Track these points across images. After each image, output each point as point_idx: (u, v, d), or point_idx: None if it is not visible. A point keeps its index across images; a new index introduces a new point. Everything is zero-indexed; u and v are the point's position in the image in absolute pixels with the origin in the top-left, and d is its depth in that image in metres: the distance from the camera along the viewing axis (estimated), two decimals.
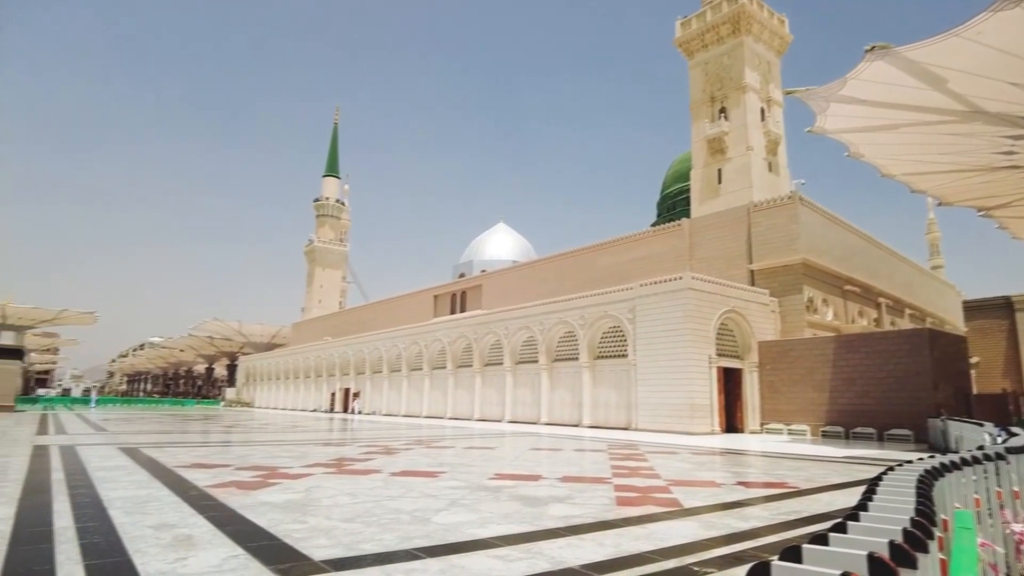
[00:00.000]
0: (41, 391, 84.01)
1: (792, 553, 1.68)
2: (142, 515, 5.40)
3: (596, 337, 26.48)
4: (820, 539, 1.75)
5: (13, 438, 14.17)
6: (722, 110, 36.40)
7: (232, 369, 76.60)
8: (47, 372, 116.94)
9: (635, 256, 33.01)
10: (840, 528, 1.95)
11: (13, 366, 33.64)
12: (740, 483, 8.71)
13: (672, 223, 32.90)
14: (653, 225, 42.50)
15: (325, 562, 3.96)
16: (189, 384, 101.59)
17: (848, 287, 29.06)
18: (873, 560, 1.51)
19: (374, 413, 40.73)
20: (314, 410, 48.19)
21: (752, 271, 27.60)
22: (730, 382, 23.77)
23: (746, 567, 4.01)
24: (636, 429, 23.01)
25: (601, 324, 26.11)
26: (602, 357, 26.25)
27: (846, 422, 20.55)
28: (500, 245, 60.20)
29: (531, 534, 4.99)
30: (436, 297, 47.97)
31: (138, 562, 3.87)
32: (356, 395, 43.98)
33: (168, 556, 4.02)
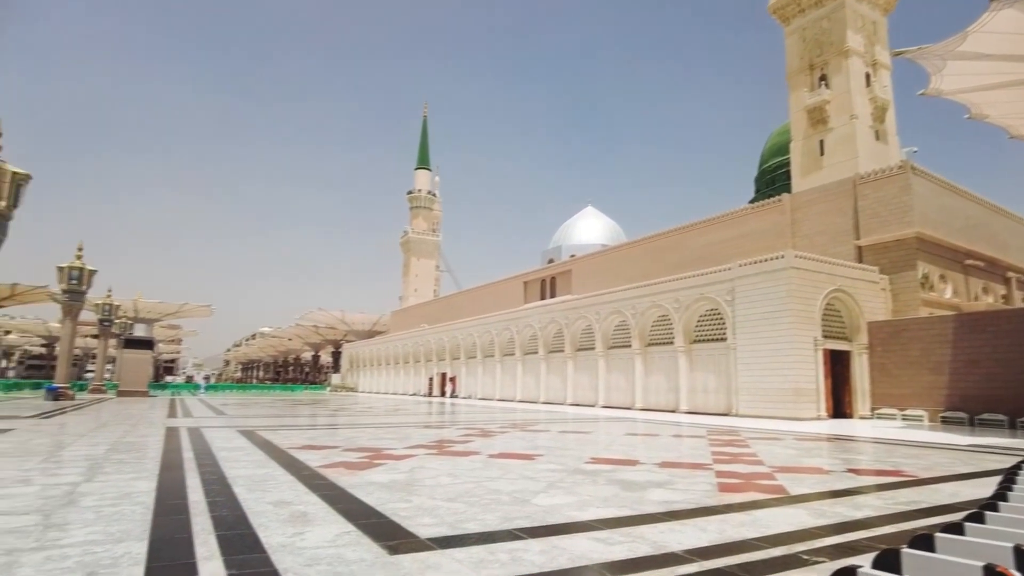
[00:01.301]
0: (169, 378, 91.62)
1: (923, 541, 1.58)
2: (262, 492, 5.79)
3: (692, 320, 25.80)
4: (954, 528, 1.64)
5: (149, 420, 15.53)
6: (822, 77, 34.26)
7: (336, 356, 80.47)
8: (173, 361, 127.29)
9: (732, 235, 31.81)
10: (976, 518, 1.81)
11: (146, 355, 36.81)
12: (850, 470, 8.27)
13: (772, 199, 31.42)
14: (751, 202, 40.71)
15: (431, 540, 4.10)
16: (298, 371, 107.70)
17: (970, 261, 26.75)
18: (1021, 553, 1.39)
19: (469, 397, 41.64)
20: (414, 394, 49.86)
21: (859, 247, 25.96)
22: (837, 365, 22.55)
23: (861, 557, 3.81)
24: (736, 415, 22.30)
25: (697, 307, 25.40)
26: (699, 341, 25.55)
27: (971, 407, 19.02)
28: (589, 229, 59.68)
29: (631, 518, 4.96)
30: (526, 283, 48.26)
31: (261, 535, 4.16)
32: (452, 380, 45.11)
33: (287, 530, 4.30)
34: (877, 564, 1.53)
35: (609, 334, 30.60)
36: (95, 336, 46.84)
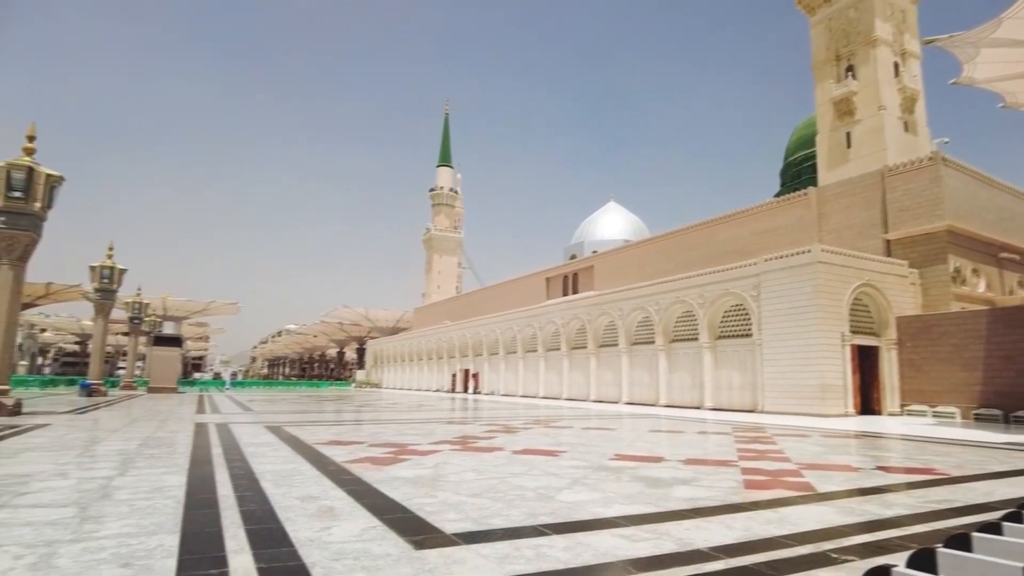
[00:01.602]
0: (197, 375, 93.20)
1: (959, 541, 1.55)
2: (289, 487, 5.87)
3: (717, 316, 25.56)
4: (992, 528, 1.60)
5: (179, 416, 15.83)
6: (849, 68, 33.61)
7: (361, 352, 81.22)
8: (200, 358, 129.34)
9: (757, 229, 31.43)
10: (1015, 517, 1.77)
11: (175, 352, 37.51)
12: (880, 468, 8.14)
13: (797, 193, 30.96)
14: (777, 196, 40.17)
15: (456, 535, 4.13)
16: (323, 367, 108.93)
17: (1004, 255, 26.12)
18: None
19: (492, 393, 41.75)
20: (437, 390, 50.12)
21: (888, 241, 25.50)
22: (865, 361, 22.19)
23: (892, 556, 3.75)
24: (762, 411, 22.07)
25: (722, 302, 25.16)
26: (724, 337, 25.32)
27: (1005, 404, 18.59)
28: (611, 225, 59.44)
29: (656, 515, 4.94)
30: (548, 279, 48.21)
31: (289, 529, 4.22)
32: (475, 376, 45.28)
33: (314, 525, 4.36)
34: (912, 564, 1.50)
35: (632, 330, 30.45)
36: (125, 334, 47.85)
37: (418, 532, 4.20)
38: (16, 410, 14.49)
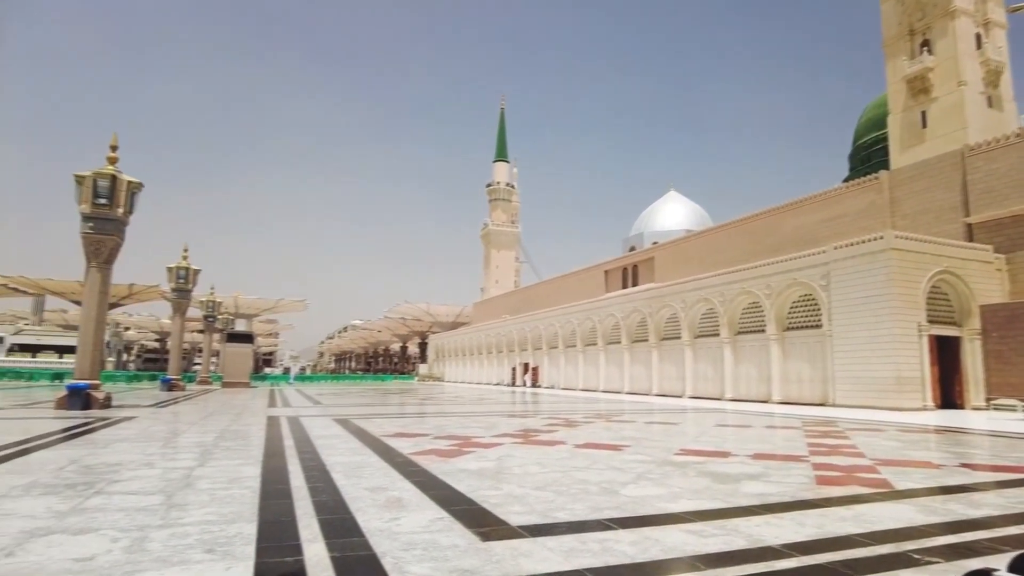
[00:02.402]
0: (268, 370, 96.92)
1: None
2: (358, 478, 6.04)
3: (784, 307, 24.79)
4: None
5: (252, 410, 16.51)
6: (924, 43, 31.81)
7: (423, 347, 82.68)
8: (271, 353, 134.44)
9: (826, 216, 30.25)
10: None
11: (247, 349, 39.08)
12: (964, 465, 7.72)
13: (868, 177, 29.63)
14: (846, 181, 38.49)
15: (522, 527, 4.16)
16: (387, 361, 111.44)
17: None
18: None
19: (552, 387, 41.77)
20: (497, 384, 50.52)
21: (969, 225, 24.12)
22: (945, 352, 21.10)
23: (983, 560, 3.56)
24: (833, 405, 21.30)
25: (790, 292, 24.38)
26: (792, 328, 24.54)
27: None
28: (672, 214, 58.33)
29: (724, 511, 4.84)
30: (607, 272, 47.76)
31: (360, 519, 4.34)
32: (535, 370, 45.38)
33: (384, 516, 4.47)
34: (1014, 567, 1.42)
35: (696, 322, 29.86)
36: (201, 331, 50.15)
37: (484, 524, 4.25)
38: (107, 403, 15.42)
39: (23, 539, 3.72)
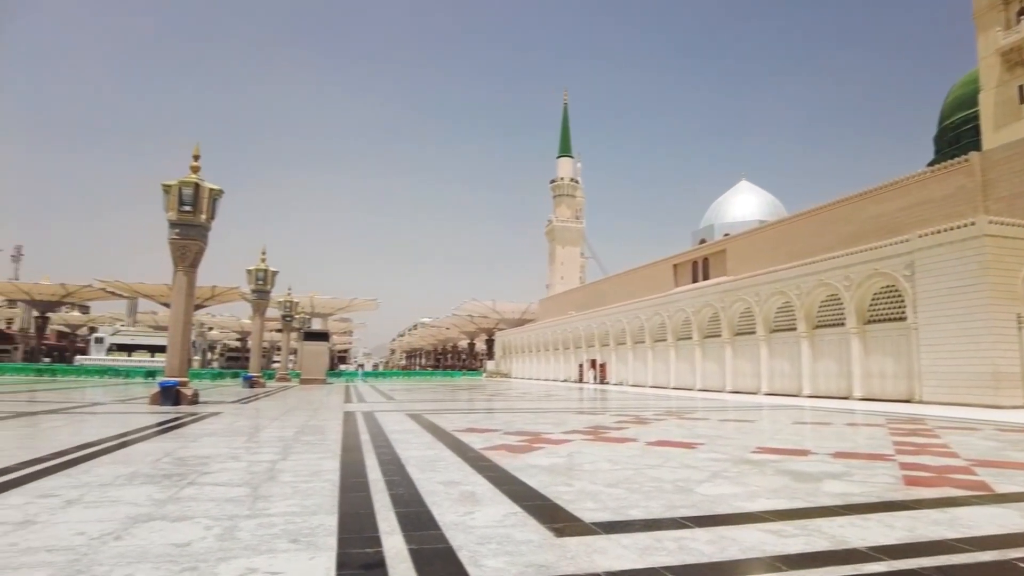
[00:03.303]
0: (343, 367, 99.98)
1: None
2: (432, 472, 6.16)
3: (865, 299, 23.68)
4: None
5: (329, 406, 17.08)
6: (1021, 12, 29.63)
7: (490, 343, 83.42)
8: (345, 351, 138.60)
9: (909, 203, 28.64)
10: None
11: (323, 347, 40.48)
12: None
13: (956, 159, 27.84)
14: (930, 164, 36.33)
15: (595, 524, 4.14)
16: (455, 358, 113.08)
17: None
18: None
19: (621, 384, 41.34)
20: (564, 380, 50.42)
21: None
22: None
23: None
24: (920, 402, 20.20)
25: (871, 284, 23.26)
26: (873, 321, 23.42)
27: None
28: (744, 205, 56.64)
29: (805, 510, 4.68)
30: (676, 266, 46.78)
31: (435, 513, 4.43)
32: (602, 366, 45.03)
33: (458, 509, 4.54)
34: None
35: (771, 317, 28.92)
36: (279, 330, 52.22)
37: (557, 520, 4.26)
38: (195, 400, 16.30)
39: (129, 524, 3.99)
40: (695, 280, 43.45)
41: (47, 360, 68.08)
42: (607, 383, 43.42)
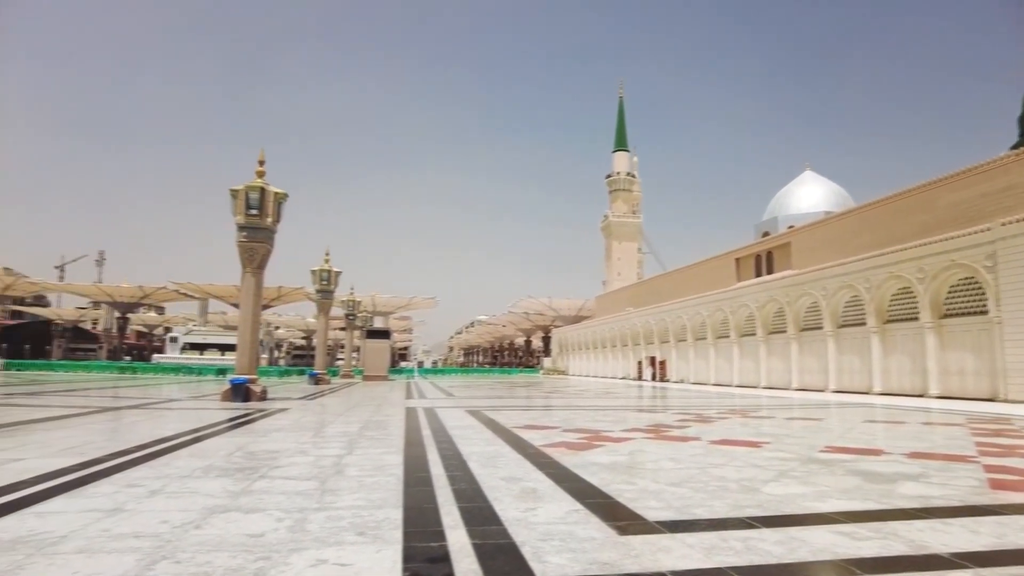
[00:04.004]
0: (403, 364, 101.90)
1: None
2: (493, 468, 6.21)
3: (941, 292, 22.54)
4: None
5: (391, 402, 17.44)
6: None
7: (546, 340, 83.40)
8: (406, 348, 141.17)
9: (990, 189, 27.00)
10: None
11: (384, 344, 41.37)
12: None
13: None
14: (1013, 148, 34.14)
15: (659, 523, 4.09)
16: (512, 355, 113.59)
17: None
18: None
19: (681, 381, 40.66)
20: (623, 377, 49.94)
21: None
22: None
23: None
24: (1005, 400, 19.10)
25: (947, 276, 22.13)
26: (951, 315, 22.27)
27: None
28: (808, 196, 54.71)
29: (879, 512, 4.50)
30: (738, 260, 45.57)
31: (497, 508, 4.47)
32: (662, 363, 44.39)
33: (520, 505, 4.57)
34: None
35: (839, 311, 27.87)
36: (342, 328, 53.59)
37: (620, 518, 4.23)
38: (263, 396, 16.92)
39: (206, 514, 4.19)
40: (758, 274, 42.25)
41: (128, 358, 71.92)
42: (667, 381, 42.75)
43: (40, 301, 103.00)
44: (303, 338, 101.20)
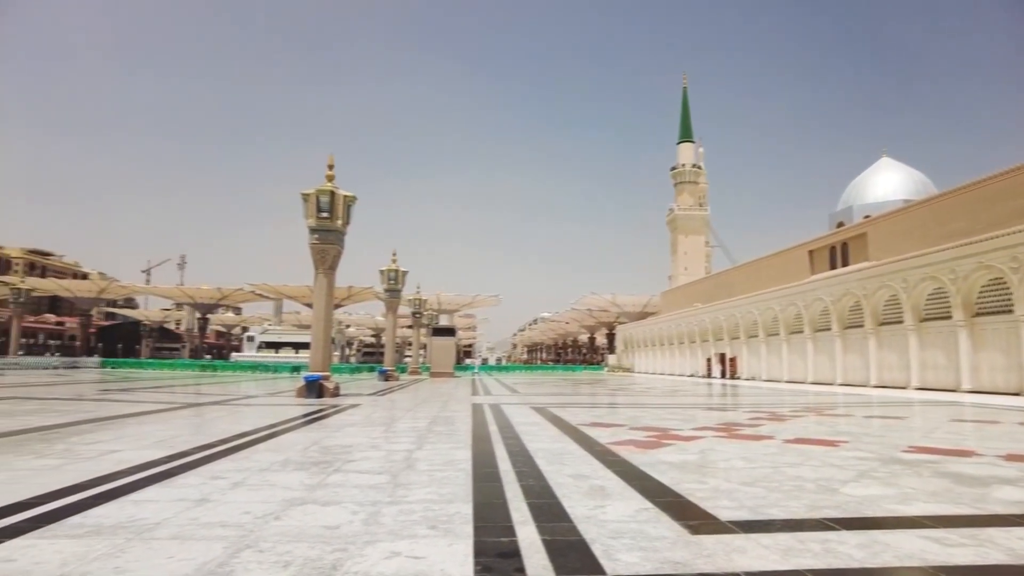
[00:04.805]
0: (468, 361, 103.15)
1: None
2: (560, 465, 6.21)
3: None
4: None
5: (457, 398, 17.69)
6: None
7: (610, 337, 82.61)
8: (470, 346, 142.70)
9: None
10: None
11: (450, 341, 42.04)
12: None
13: None
14: None
15: (732, 523, 4.00)
16: (576, 352, 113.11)
17: None
18: None
19: (753, 379, 39.53)
20: (691, 375, 48.95)
21: None
22: None
23: None
24: None
25: None
26: None
27: None
28: (886, 183, 52.13)
29: (971, 518, 4.25)
30: (811, 252, 43.87)
31: (566, 505, 4.47)
32: (732, 360, 43.28)
33: (588, 503, 4.55)
34: None
35: (921, 304, 26.46)
36: (409, 326, 54.63)
37: (691, 517, 4.16)
38: (336, 392, 17.46)
39: (285, 507, 4.36)
40: (833, 267, 40.55)
41: (208, 357, 75.72)
42: (737, 378, 41.65)
43: (130, 303, 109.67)
44: (372, 336, 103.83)
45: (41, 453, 6.54)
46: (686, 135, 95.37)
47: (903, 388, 26.25)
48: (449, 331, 45.04)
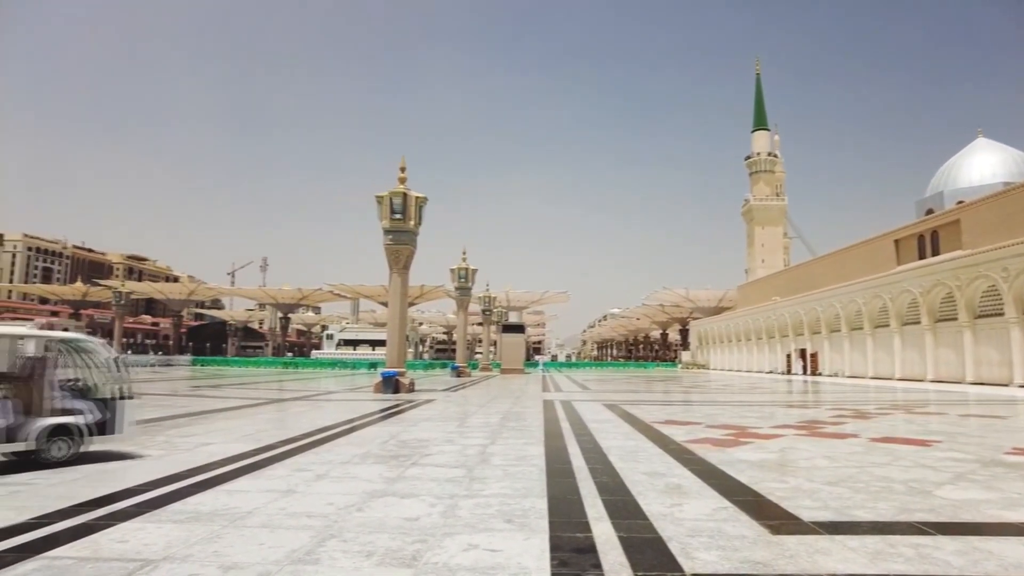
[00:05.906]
0: (537, 357, 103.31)
1: None
2: (634, 462, 6.16)
3: None
4: None
5: (528, 394, 17.79)
6: None
7: (684, 333, 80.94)
8: (539, 342, 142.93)
9: None
10: None
11: (519, 338, 42.29)
12: None
13: None
14: None
15: (815, 523, 3.87)
16: (647, 349, 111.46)
17: None
18: None
19: (835, 375, 37.88)
20: (770, 372, 47.34)
21: None
22: None
23: None
24: None
25: None
26: None
27: None
28: (982, 166, 48.71)
29: None
30: (898, 241, 41.51)
31: (641, 503, 4.44)
32: (813, 356, 41.61)
33: (664, 501, 4.50)
34: None
35: (1022, 295, 24.61)
36: (479, 323, 55.28)
37: (772, 517, 4.05)
38: (411, 388, 17.90)
39: (366, 498, 4.53)
40: (922, 256, 38.23)
41: (290, 354, 79.04)
42: (819, 375, 39.98)
43: (216, 304, 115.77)
44: (444, 333, 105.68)
45: (144, 445, 7.02)
46: (760, 123, 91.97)
47: (1004, 385, 24.50)
48: (519, 328, 45.28)
